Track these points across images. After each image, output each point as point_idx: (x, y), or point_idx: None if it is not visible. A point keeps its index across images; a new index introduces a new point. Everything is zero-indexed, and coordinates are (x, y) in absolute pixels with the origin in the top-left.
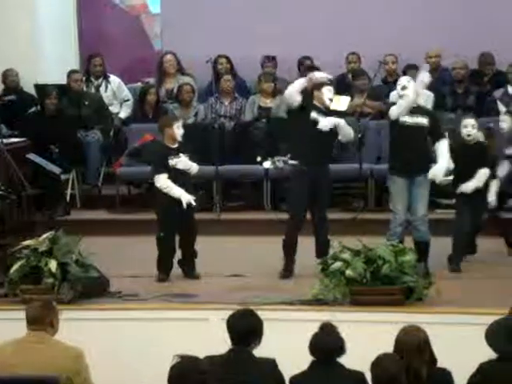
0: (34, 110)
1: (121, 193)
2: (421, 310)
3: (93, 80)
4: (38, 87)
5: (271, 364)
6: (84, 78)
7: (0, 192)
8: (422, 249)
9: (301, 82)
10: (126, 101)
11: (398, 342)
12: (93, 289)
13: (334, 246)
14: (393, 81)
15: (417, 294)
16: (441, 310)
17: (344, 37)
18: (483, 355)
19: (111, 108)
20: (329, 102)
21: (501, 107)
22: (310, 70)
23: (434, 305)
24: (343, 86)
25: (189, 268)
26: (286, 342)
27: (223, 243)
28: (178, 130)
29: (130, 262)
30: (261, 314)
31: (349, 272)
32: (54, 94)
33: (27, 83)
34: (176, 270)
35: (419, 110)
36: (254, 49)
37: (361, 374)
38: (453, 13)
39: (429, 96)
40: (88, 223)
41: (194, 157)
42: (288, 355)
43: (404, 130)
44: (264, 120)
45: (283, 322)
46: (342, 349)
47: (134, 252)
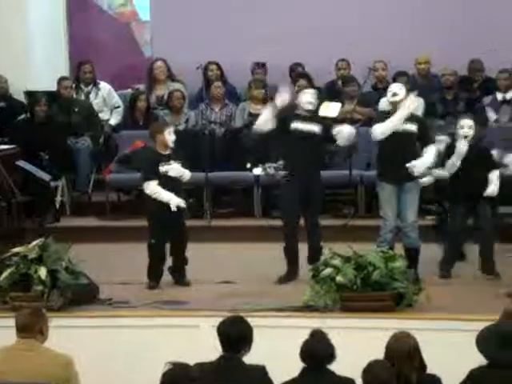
0: (23, 116)
1: (111, 200)
2: (411, 316)
3: (83, 87)
4: (28, 94)
5: (261, 371)
6: (74, 85)
7: None
8: (412, 255)
9: (266, 113)
10: (116, 107)
11: (388, 349)
12: (83, 296)
13: (325, 253)
14: (383, 87)
15: (407, 300)
16: (431, 316)
17: (334, 43)
18: (473, 361)
19: (101, 115)
20: (308, 106)
21: (490, 114)
22: (300, 76)
23: (424, 311)
24: (333, 92)
25: (179, 275)
26: (276, 349)
27: (213, 250)
28: (169, 136)
29: (120, 269)
30: (251, 321)
31: (339, 278)
32: (44, 100)
33: (17, 90)
34: (166, 277)
35: (408, 116)
36: (244, 55)
37: (351, 381)
38: (444, 20)
39: (420, 103)
40: (78, 230)
41: (186, 163)
42: (278, 362)
43: (393, 137)
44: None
45: (273, 328)
46: (332, 356)
47: (123, 259)
